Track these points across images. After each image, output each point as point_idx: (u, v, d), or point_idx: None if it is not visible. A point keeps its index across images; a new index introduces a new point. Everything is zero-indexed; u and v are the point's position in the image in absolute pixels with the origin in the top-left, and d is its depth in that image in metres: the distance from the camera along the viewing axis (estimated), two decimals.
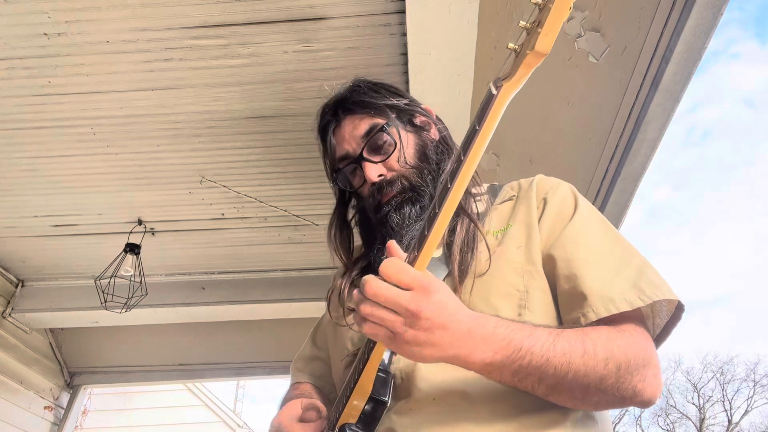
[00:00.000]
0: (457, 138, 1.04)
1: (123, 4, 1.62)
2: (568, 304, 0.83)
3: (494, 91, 0.68)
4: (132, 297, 2.54)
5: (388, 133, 0.98)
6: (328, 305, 1.07)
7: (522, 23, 0.66)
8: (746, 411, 17.67)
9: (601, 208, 2.31)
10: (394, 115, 1.01)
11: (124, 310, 2.57)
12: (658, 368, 0.79)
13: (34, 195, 2.41)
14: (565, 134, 2.10)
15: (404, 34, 1.66)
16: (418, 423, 0.78)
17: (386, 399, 0.78)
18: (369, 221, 1.02)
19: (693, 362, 27.17)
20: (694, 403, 18.48)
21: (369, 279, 0.68)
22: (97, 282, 2.51)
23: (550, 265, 0.86)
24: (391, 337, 0.68)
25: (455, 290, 0.85)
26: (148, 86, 1.90)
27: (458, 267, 0.86)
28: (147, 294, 2.59)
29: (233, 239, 2.74)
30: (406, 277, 0.67)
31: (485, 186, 1.04)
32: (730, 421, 17.75)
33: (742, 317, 28.73)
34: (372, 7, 1.65)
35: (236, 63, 1.82)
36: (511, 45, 0.67)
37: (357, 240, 1.10)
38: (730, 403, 17.98)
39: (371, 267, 0.96)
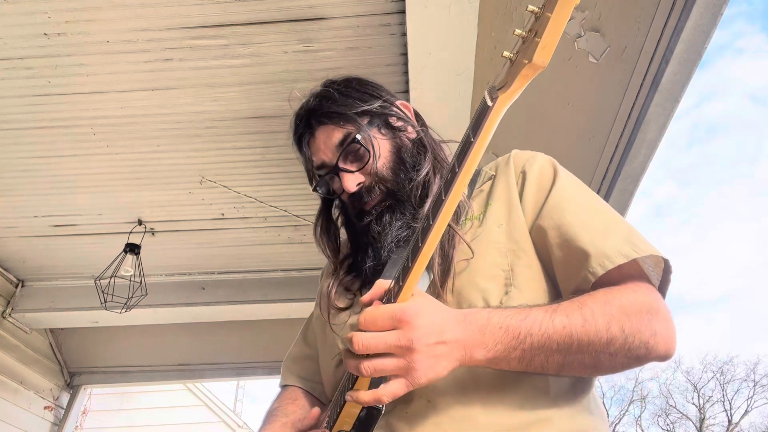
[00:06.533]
0: (450, 135, 1.04)
1: (123, 4, 1.63)
2: (566, 271, 0.83)
3: (489, 103, 0.66)
4: (132, 297, 2.54)
5: (360, 143, 0.97)
6: (318, 305, 1.07)
7: (518, 31, 0.62)
8: (746, 411, 17.66)
9: None
10: (366, 122, 0.99)
11: (124, 310, 2.57)
12: (668, 319, 0.78)
13: (34, 195, 2.41)
14: (565, 134, 2.10)
15: (404, 34, 1.67)
16: (414, 425, 0.80)
17: (380, 407, 0.78)
18: (353, 223, 1.03)
19: (693, 362, 27.17)
20: (694, 403, 18.47)
21: (354, 336, 0.69)
22: (97, 282, 2.51)
23: (540, 237, 0.86)
24: (403, 379, 0.69)
25: (438, 293, 0.85)
26: (148, 86, 1.90)
27: (439, 269, 0.86)
28: (147, 294, 2.59)
29: (233, 239, 2.74)
30: (384, 322, 0.68)
31: None
32: (730, 421, 17.74)
33: (742, 317, 28.69)
34: (372, 7, 1.65)
35: (236, 63, 1.82)
36: (506, 53, 0.64)
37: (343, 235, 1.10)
38: (730, 403, 17.98)
39: (360, 272, 0.98)
